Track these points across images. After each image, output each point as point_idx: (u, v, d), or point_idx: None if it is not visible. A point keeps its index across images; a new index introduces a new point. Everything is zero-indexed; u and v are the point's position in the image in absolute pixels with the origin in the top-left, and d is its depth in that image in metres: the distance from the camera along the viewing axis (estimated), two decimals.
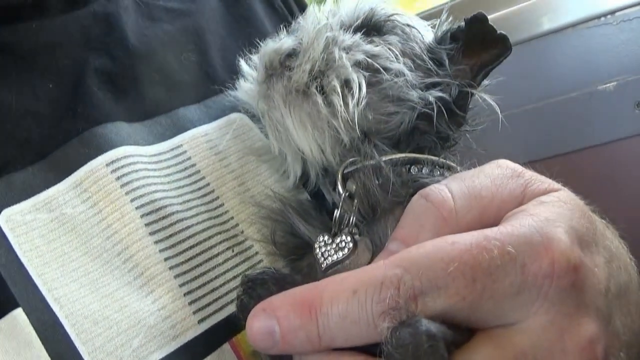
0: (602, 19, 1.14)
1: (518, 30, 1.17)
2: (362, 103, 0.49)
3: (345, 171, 0.50)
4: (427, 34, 0.55)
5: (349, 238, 0.46)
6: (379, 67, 0.50)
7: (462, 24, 0.53)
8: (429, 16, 0.59)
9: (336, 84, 0.49)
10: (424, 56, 0.53)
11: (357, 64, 0.50)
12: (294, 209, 0.52)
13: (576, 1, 1.16)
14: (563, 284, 0.36)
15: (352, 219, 0.48)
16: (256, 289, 0.46)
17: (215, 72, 0.63)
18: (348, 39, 0.52)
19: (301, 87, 0.51)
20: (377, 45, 0.52)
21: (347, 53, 0.51)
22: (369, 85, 0.50)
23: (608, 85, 1.15)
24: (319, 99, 0.50)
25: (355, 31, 0.53)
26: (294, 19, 0.71)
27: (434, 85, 0.52)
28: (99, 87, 0.55)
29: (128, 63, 0.58)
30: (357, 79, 0.49)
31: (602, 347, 0.38)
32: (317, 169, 0.53)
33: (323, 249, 0.47)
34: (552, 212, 0.40)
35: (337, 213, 0.48)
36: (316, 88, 0.50)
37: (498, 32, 0.52)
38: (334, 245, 0.47)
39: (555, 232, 0.38)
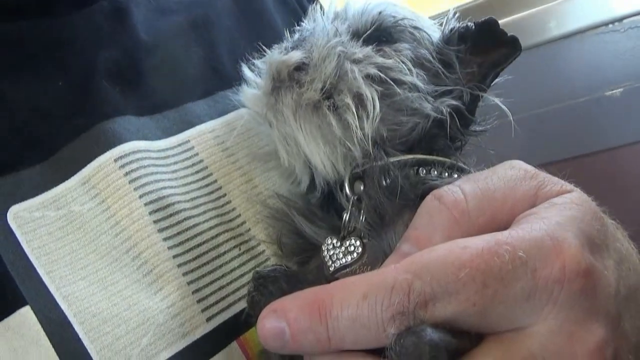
0: (610, 25, 1.15)
1: (526, 36, 1.17)
2: (376, 120, 0.48)
3: (354, 172, 0.50)
4: (434, 33, 0.54)
5: (358, 242, 0.46)
6: (391, 82, 0.49)
7: (471, 24, 0.52)
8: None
9: (349, 101, 0.48)
10: (434, 61, 0.52)
11: (369, 77, 0.49)
12: (298, 211, 0.51)
13: (584, 8, 1.16)
14: (573, 289, 0.36)
15: (361, 222, 0.47)
16: (267, 286, 0.46)
17: (223, 67, 0.63)
18: (359, 51, 0.51)
19: (312, 102, 0.49)
20: (389, 57, 0.51)
21: (358, 67, 0.49)
22: (381, 98, 0.49)
23: (615, 91, 1.15)
24: (332, 117, 0.49)
25: (366, 41, 0.52)
26: (304, 13, 0.71)
27: (445, 92, 0.51)
28: (108, 80, 0.55)
29: (137, 56, 0.58)
30: (370, 94, 0.48)
31: (611, 351, 0.37)
32: (326, 179, 0.52)
33: (331, 252, 0.47)
34: (563, 215, 0.39)
35: (346, 216, 0.48)
36: (328, 105, 0.49)
37: (508, 34, 0.51)
38: (342, 249, 0.46)
39: (566, 236, 0.38)
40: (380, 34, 0.53)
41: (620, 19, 1.15)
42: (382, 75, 0.49)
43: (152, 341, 0.46)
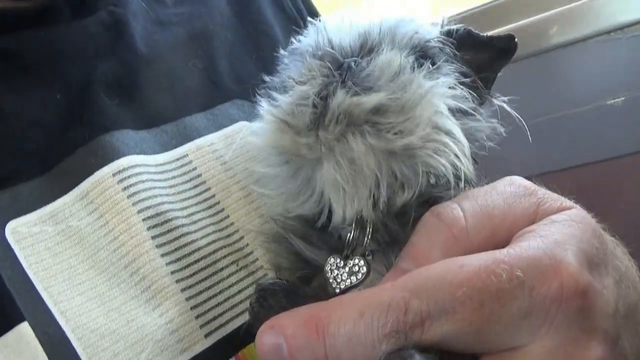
0: (612, 34, 1.15)
1: (528, 44, 1.17)
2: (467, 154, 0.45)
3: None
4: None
5: (362, 262, 0.45)
6: (472, 112, 0.46)
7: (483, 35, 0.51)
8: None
9: (448, 140, 0.44)
10: (474, 80, 0.49)
11: (451, 111, 0.46)
12: (295, 233, 0.49)
13: (586, 16, 1.16)
14: (571, 308, 0.36)
15: (366, 242, 0.46)
16: (267, 299, 0.45)
17: (222, 80, 0.63)
18: (439, 85, 0.46)
19: (399, 149, 0.44)
20: (451, 85, 0.47)
21: (442, 101, 0.45)
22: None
23: (617, 99, 1.15)
24: (437, 160, 0.44)
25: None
26: (303, 22, 0.70)
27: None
28: (106, 93, 0.55)
29: (136, 68, 0.58)
30: (458, 130, 0.45)
31: None
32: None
33: (335, 273, 0.45)
34: (562, 233, 0.39)
35: (350, 236, 0.46)
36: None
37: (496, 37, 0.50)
38: (346, 269, 0.45)
39: (564, 255, 0.37)
40: (419, 53, 0.49)
41: (622, 27, 1.14)
42: (461, 107, 0.46)
43: (150, 357, 0.46)
